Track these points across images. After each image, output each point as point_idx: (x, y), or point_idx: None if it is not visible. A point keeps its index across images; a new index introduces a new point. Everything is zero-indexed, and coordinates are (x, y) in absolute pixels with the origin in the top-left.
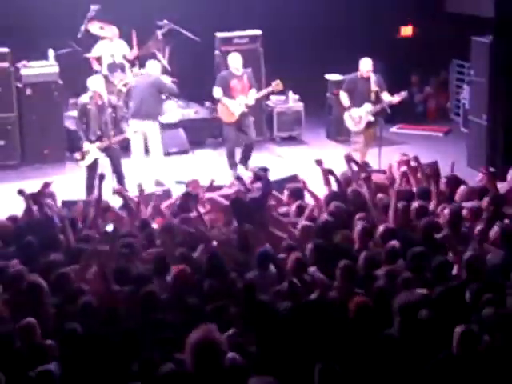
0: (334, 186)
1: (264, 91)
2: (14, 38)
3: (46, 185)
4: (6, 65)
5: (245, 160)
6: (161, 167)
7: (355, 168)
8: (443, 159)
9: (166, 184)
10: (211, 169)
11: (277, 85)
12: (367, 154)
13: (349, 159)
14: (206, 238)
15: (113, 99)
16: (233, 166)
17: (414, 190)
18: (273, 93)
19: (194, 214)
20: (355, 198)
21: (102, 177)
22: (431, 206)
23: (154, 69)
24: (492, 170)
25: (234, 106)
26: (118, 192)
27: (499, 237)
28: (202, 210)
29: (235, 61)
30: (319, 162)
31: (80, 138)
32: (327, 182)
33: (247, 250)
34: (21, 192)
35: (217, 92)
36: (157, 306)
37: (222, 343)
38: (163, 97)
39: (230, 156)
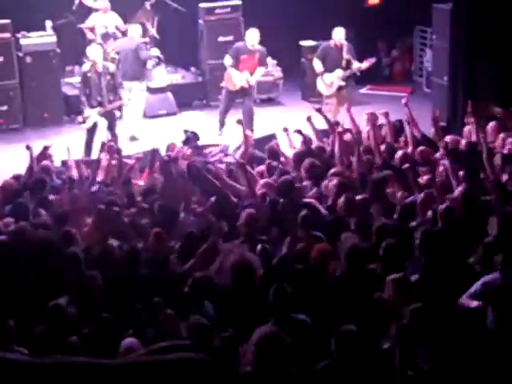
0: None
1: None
2: (14, 9)
3: (46, 148)
4: (7, 35)
5: (247, 126)
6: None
7: (326, 124)
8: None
9: (139, 138)
10: (198, 128)
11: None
12: (339, 114)
13: (320, 113)
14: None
15: (110, 67)
16: (221, 124)
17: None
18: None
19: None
20: (320, 154)
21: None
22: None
23: (135, 33)
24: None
25: (237, 78)
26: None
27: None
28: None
29: (251, 37)
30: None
31: (81, 103)
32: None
33: None
34: (28, 147)
35: (227, 60)
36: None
37: (255, 261)
38: (150, 63)
39: (221, 116)
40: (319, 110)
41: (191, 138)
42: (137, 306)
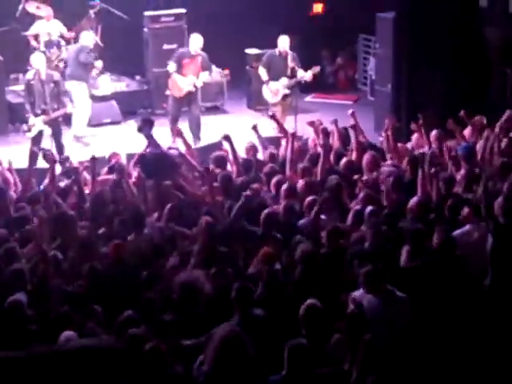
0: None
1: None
2: None
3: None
4: None
5: (194, 135)
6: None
7: (278, 130)
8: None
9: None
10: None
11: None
12: (284, 122)
13: (273, 119)
14: None
15: (55, 75)
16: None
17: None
18: None
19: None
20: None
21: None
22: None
23: (85, 39)
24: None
25: (183, 83)
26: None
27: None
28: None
29: (194, 41)
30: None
31: (26, 112)
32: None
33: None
34: None
35: (171, 66)
36: None
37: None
38: (94, 71)
39: (172, 126)
40: (273, 117)
41: (146, 124)
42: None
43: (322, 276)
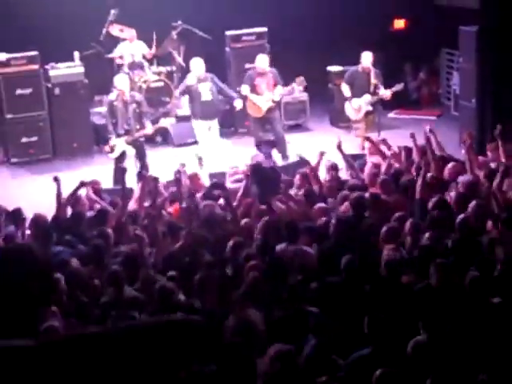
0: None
1: (288, 87)
2: (42, 41)
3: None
4: (35, 67)
5: (282, 153)
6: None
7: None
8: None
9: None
10: (227, 157)
11: (301, 81)
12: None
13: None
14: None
15: (136, 96)
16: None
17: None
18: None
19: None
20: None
21: (124, 170)
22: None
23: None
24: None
25: (260, 101)
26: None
27: None
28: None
29: (261, 61)
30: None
31: (109, 132)
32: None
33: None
34: (56, 179)
35: (244, 89)
36: None
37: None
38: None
39: (256, 147)
40: (368, 138)
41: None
42: None
43: None
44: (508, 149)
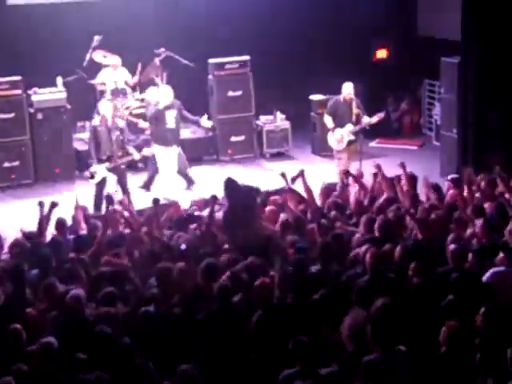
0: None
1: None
2: (26, 67)
3: (54, 205)
4: (18, 92)
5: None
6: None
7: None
8: (418, 170)
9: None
10: (208, 183)
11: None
12: (350, 168)
13: (346, 174)
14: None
15: (119, 122)
16: None
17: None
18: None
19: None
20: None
21: (110, 198)
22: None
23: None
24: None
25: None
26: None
27: None
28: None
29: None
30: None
31: (90, 158)
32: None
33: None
34: (40, 204)
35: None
36: None
37: None
38: None
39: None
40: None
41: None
42: None
43: None
44: (489, 178)
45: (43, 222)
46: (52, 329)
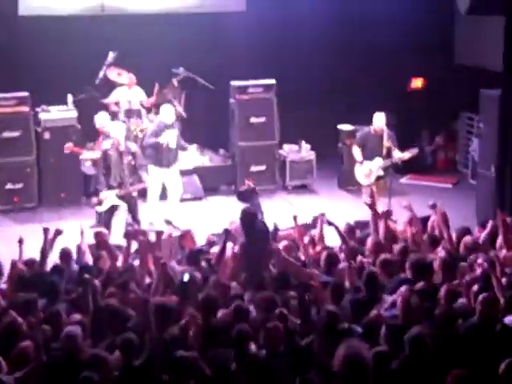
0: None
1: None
2: (34, 82)
3: (58, 232)
4: (25, 109)
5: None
6: (175, 211)
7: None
8: (452, 210)
9: (174, 223)
10: (224, 215)
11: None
12: (378, 205)
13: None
14: None
15: (132, 146)
16: None
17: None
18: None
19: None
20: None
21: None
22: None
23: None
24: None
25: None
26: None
27: None
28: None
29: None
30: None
31: (99, 183)
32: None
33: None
34: (45, 230)
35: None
36: None
37: None
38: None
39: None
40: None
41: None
42: None
43: None
44: None
45: (46, 249)
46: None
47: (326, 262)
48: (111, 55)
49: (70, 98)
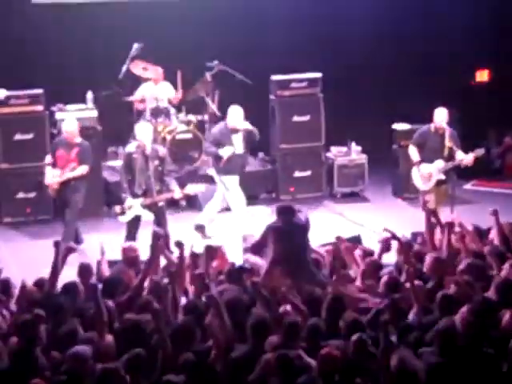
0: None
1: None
2: (50, 77)
3: (69, 250)
4: (39, 108)
5: None
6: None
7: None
8: None
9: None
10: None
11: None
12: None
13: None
14: None
15: (160, 150)
16: None
17: None
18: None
19: None
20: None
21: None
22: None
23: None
24: None
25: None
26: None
27: None
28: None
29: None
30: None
31: (123, 191)
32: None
33: None
34: (56, 244)
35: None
36: None
37: None
38: None
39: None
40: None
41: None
42: None
43: None
44: None
45: (57, 266)
46: None
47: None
48: (136, 47)
49: (89, 95)
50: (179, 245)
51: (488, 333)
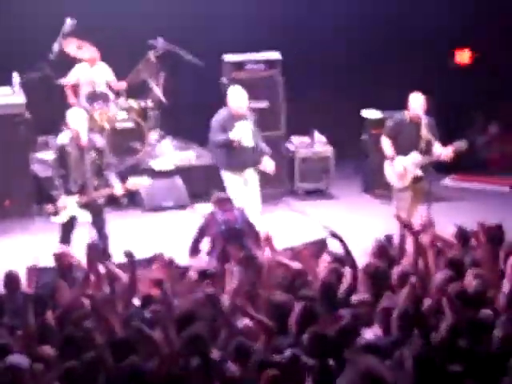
0: None
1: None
2: None
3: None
4: None
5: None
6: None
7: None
8: (508, 220)
9: None
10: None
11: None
12: (415, 214)
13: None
14: None
15: (98, 141)
16: None
17: None
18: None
19: None
20: None
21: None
22: None
23: None
24: None
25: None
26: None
27: None
28: None
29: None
30: None
31: (55, 188)
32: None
33: None
34: None
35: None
36: None
37: None
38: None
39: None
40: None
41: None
42: None
43: None
44: None
45: None
46: None
47: None
48: (69, 22)
49: (16, 77)
50: (129, 255)
51: None
